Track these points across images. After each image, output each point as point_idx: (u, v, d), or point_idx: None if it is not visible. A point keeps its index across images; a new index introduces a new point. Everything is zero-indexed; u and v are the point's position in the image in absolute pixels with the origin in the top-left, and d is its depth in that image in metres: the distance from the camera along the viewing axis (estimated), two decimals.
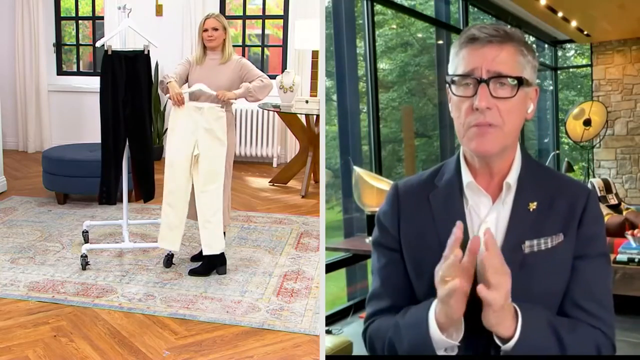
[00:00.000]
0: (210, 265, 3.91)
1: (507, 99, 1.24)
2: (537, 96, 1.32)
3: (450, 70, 1.30)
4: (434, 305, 1.27)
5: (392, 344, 1.35)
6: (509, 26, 1.30)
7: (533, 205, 1.28)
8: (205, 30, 3.79)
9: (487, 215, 1.30)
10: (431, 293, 1.28)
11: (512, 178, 1.29)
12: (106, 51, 3.82)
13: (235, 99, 3.76)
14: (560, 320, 1.28)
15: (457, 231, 1.23)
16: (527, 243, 1.27)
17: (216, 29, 3.77)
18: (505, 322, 1.22)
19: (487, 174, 1.31)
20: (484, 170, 1.31)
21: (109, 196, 4.00)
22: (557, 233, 1.28)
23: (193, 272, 3.88)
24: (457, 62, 1.28)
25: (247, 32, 7.53)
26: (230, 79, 3.80)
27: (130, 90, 3.88)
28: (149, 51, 3.89)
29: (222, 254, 3.94)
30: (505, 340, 1.23)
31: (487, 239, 1.20)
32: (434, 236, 1.32)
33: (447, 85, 1.29)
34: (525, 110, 1.29)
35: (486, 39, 1.24)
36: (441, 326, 1.26)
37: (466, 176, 1.32)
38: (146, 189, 4.09)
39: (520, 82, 1.24)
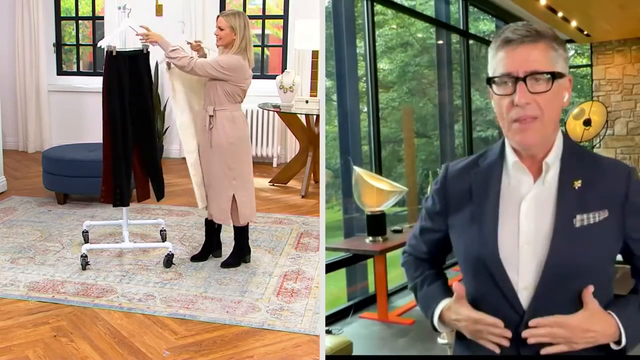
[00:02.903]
0: (240, 255, 4.06)
1: (543, 92, 1.34)
2: (571, 85, 1.42)
3: (490, 72, 1.41)
4: (444, 304, 1.51)
5: (413, 291, 1.65)
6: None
7: (578, 183, 1.38)
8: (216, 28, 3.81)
9: (528, 193, 1.40)
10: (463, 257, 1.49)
11: (551, 158, 1.40)
12: (110, 52, 3.79)
13: (157, 42, 3.74)
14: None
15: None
16: (578, 217, 1.36)
17: (221, 29, 3.75)
18: (604, 339, 1.36)
19: (530, 157, 1.42)
20: (528, 155, 1.42)
21: (122, 198, 3.97)
22: (602, 209, 1.37)
23: (225, 265, 4.02)
24: (496, 63, 1.39)
25: None
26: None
27: (135, 90, 3.87)
28: (148, 51, 3.89)
29: (248, 243, 4.11)
30: (614, 343, 1.36)
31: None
32: (469, 209, 1.46)
33: (488, 85, 1.41)
34: (562, 99, 1.39)
35: (520, 40, 1.35)
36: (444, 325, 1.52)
37: (511, 157, 1.43)
38: (159, 188, 4.09)
39: (554, 76, 1.35)
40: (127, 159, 3.92)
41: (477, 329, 1.41)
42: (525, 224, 1.38)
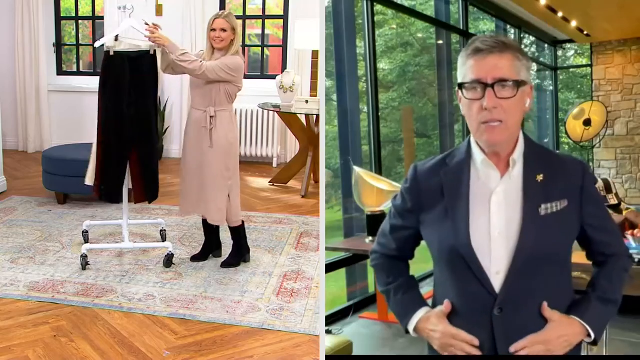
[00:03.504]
0: (239, 255, 4.07)
1: (509, 98, 1.48)
2: (532, 91, 1.56)
3: (460, 78, 1.54)
4: (421, 314, 1.62)
5: (385, 294, 1.74)
6: (505, 35, 1.47)
7: (540, 177, 1.53)
8: (214, 30, 3.74)
9: (497, 187, 1.54)
10: (436, 256, 1.61)
11: (517, 155, 1.54)
12: (107, 51, 3.79)
13: (164, 45, 3.71)
14: (594, 281, 1.61)
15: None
16: (543, 206, 1.51)
17: (224, 30, 3.73)
18: (576, 338, 1.53)
19: (495, 155, 1.55)
20: (493, 152, 1.55)
21: (109, 195, 3.97)
22: (562, 199, 1.53)
23: (225, 265, 4.03)
24: (466, 70, 1.52)
25: (247, 32, 7.53)
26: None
27: (135, 91, 3.85)
28: (155, 51, 3.84)
29: (247, 243, 4.12)
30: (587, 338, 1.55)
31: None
32: (442, 205, 1.57)
33: (459, 90, 1.53)
34: (524, 105, 1.53)
35: (489, 50, 1.49)
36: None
37: (479, 155, 1.55)
38: (152, 190, 4.07)
39: (518, 83, 1.49)
40: (121, 159, 3.91)
41: (449, 344, 1.54)
42: (496, 216, 1.52)
